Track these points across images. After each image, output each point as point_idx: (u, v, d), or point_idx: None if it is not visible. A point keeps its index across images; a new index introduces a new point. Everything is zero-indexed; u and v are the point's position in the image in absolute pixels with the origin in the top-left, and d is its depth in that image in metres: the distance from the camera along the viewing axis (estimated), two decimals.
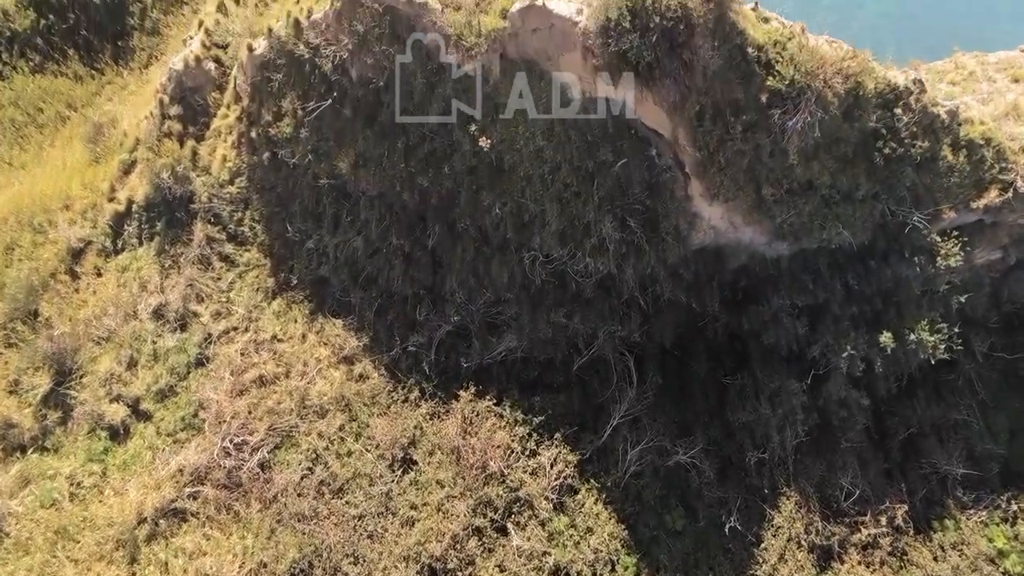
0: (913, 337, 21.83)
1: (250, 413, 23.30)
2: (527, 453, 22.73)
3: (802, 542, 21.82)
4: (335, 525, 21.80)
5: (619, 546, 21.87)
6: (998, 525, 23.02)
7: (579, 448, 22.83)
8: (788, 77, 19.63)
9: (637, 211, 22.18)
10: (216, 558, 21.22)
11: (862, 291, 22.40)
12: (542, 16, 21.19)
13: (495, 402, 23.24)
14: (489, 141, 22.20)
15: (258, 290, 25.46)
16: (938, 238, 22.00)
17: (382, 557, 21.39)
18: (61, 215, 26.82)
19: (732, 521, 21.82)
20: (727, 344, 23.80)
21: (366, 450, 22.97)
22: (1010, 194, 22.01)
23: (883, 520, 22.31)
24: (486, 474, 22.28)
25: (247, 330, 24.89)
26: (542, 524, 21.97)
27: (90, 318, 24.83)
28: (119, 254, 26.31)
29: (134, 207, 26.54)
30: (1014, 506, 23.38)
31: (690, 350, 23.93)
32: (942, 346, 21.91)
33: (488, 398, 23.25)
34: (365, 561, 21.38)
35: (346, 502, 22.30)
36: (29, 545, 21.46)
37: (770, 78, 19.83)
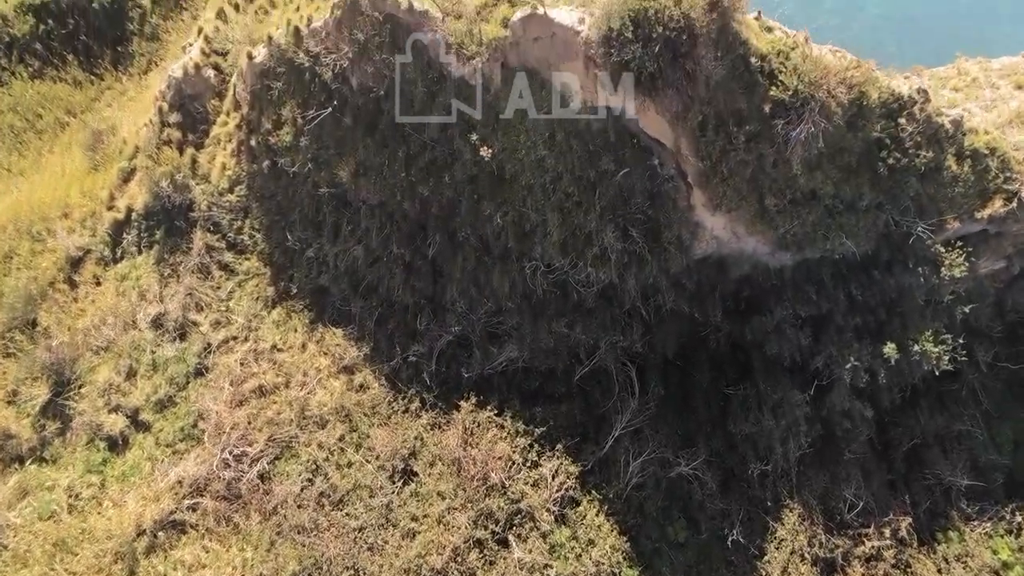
0: (917, 348, 21.67)
1: (250, 424, 23.16)
2: (528, 464, 22.58)
3: (805, 555, 21.65)
4: (335, 537, 21.65)
5: (621, 558, 21.71)
6: (1002, 537, 22.88)
7: (581, 459, 22.67)
8: (791, 87, 19.47)
9: (639, 221, 22.02)
10: (215, 571, 21.10)
11: (866, 301, 22.22)
12: (544, 25, 21.05)
13: (496, 413, 23.09)
14: (490, 151, 22.06)
15: (258, 299, 25.34)
16: (942, 248, 21.83)
17: (383, 570, 21.23)
18: (60, 223, 26.71)
19: (735, 534, 21.67)
20: (729, 354, 23.65)
21: (366, 461, 22.83)
22: (1014, 204, 21.83)
23: (887, 532, 22.16)
24: (487, 486, 22.13)
25: (247, 339, 24.76)
26: (543, 536, 21.81)
27: (89, 328, 24.71)
28: (118, 263, 26.18)
29: (133, 215, 26.41)
30: (1018, 517, 23.22)
31: (692, 360, 23.79)
32: (946, 357, 21.74)
33: (489, 408, 23.09)
34: (365, 574, 21.21)
35: (346, 514, 22.15)
36: (27, 558, 21.30)
37: (773, 88, 19.67)
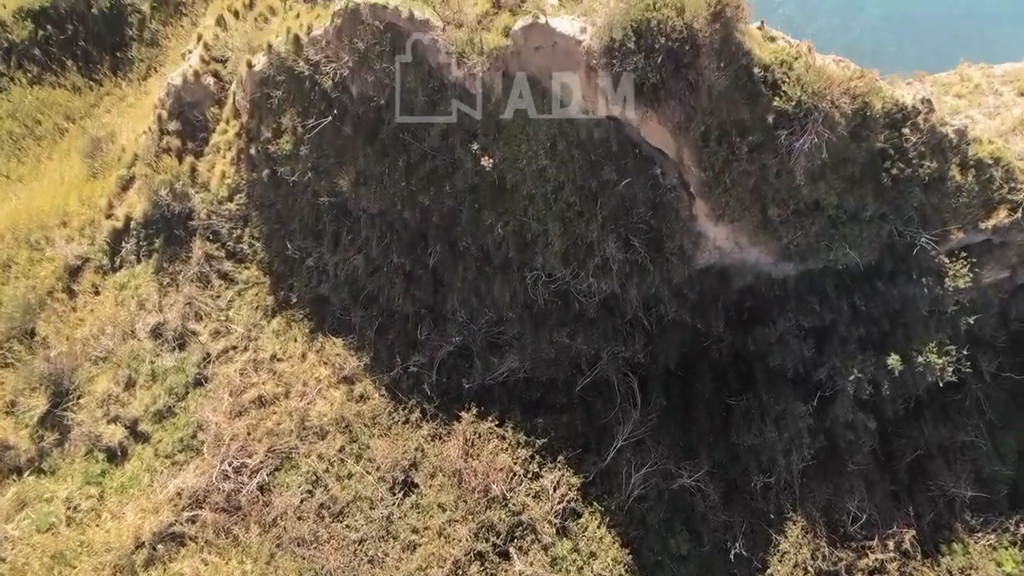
0: (921, 359, 21.52)
1: (249, 435, 23.02)
2: (530, 476, 22.44)
3: (808, 568, 21.48)
4: (335, 550, 21.52)
5: (623, 571, 21.54)
6: (1007, 549, 22.68)
7: (582, 471, 22.53)
8: (795, 98, 19.33)
9: (641, 231, 21.92)
10: None
11: (869, 312, 22.08)
12: (545, 34, 20.93)
13: (497, 423, 22.95)
14: (491, 160, 21.95)
15: (257, 308, 25.19)
16: (946, 259, 21.68)
17: None
18: (58, 232, 26.57)
19: (737, 546, 21.51)
20: (732, 365, 23.51)
21: (366, 472, 22.69)
22: (1019, 214, 21.66)
23: (890, 545, 21.97)
24: (488, 497, 21.99)
25: (246, 349, 24.62)
26: (545, 549, 21.66)
27: (87, 337, 24.58)
28: (117, 272, 26.04)
29: (132, 224, 26.26)
30: (1023, 529, 23.05)
31: (694, 371, 23.64)
32: (950, 369, 21.60)
33: (490, 419, 22.94)
34: None
35: (346, 526, 22.02)
36: (26, 571, 21.15)
37: (776, 99, 19.53)
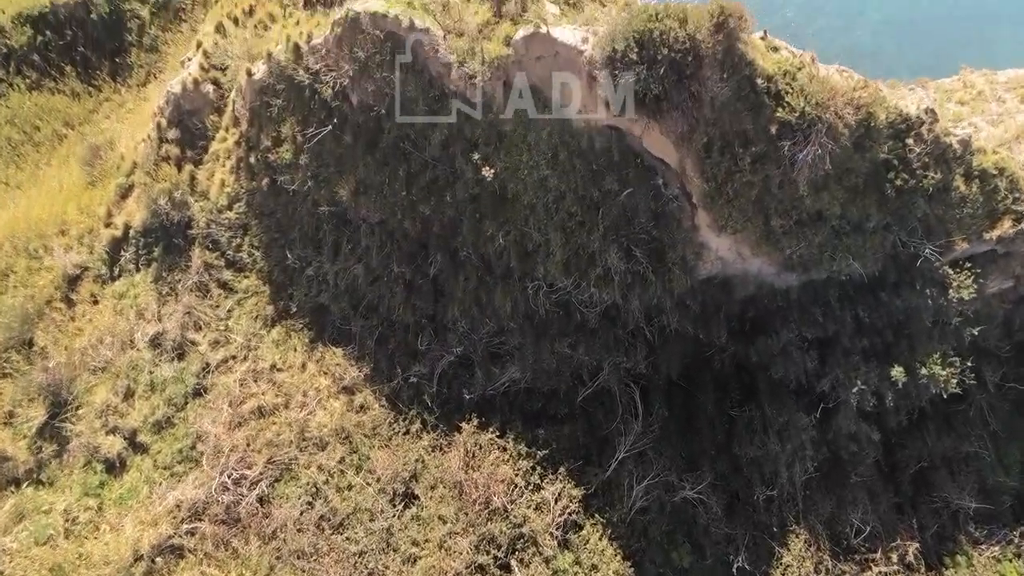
0: (924, 371, 21.42)
1: (248, 445, 22.86)
2: (531, 487, 22.28)
3: None
4: (335, 562, 21.37)
5: None
6: (1011, 561, 22.55)
7: (584, 482, 22.38)
8: (798, 109, 19.20)
9: (643, 241, 21.79)
10: None
11: (873, 323, 21.98)
12: (546, 44, 20.81)
13: (498, 434, 22.81)
14: (492, 170, 21.82)
15: (257, 318, 25.04)
16: (950, 270, 21.56)
17: None
18: (57, 240, 26.43)
19: (740, 559, 21.37)
20: (734, 375, 23.37)
21: (367, 484, 22.54)
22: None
23: (894, 557, 21.86)
24: (489, 510, 21.84)
25: (246, 359, 24.47)
26: (546, 561, 21.50)
27: (86, 347, 24.43)
28: (116, 281, 25.89)
29: (131, 233, 26.12)
30: None
31: (697, 381, 23.50)
32: (954, 380, 21.50)
33: (491, 430, 22.81)
34: None
35: (346, 538, 21.86)
36: None
37: (780, 109, 19.41)
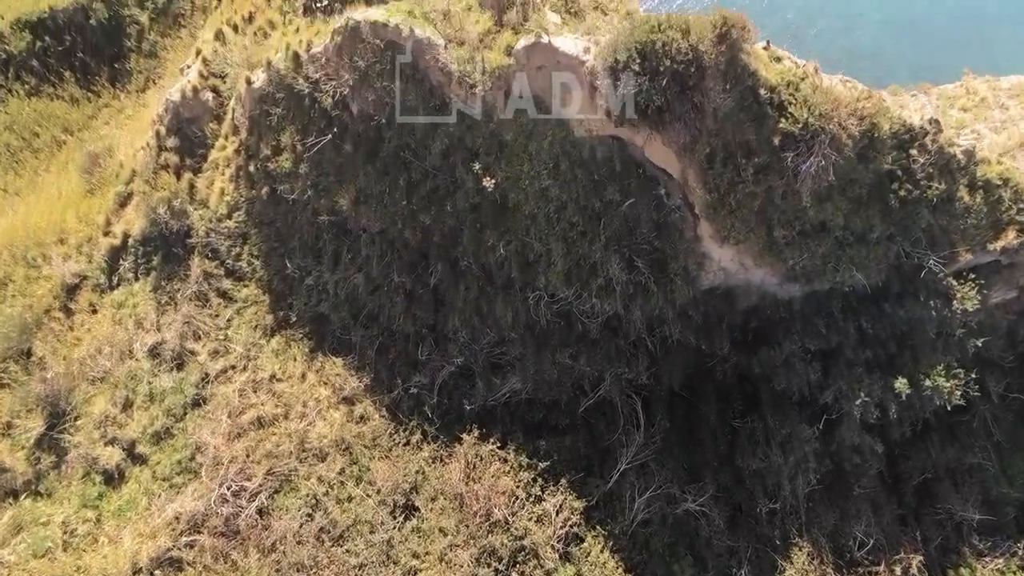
0: (928, 383, 21.32)
1: (248, 457, 22.71)
2: (532, 499, 22.15)
3: None
4: (335, 575, 21.23)
5: None
6: (1015, 573, 22.45)
7: (585, 494, 22.25)
8: (801, 120, 19.10)
9: (645, 251, 21.67)
10: None
11: (876, 335, 21.86)
12: (548, 53, 20.68)
13: (499, 445, 22.68)
14: (493, 180, 21.69)
15: (256, 327, 24.89)
16: (954, 281, 21.43)
17: None
18: (55, 249, 26.27)
19: (743, 573, 21.28)
20: (737, 386, 23.25)
21: (367, 495, 22.39)
22: None
23: (898, 570, 21.72)
24: (490, 522, 21.71)
25: (245, 369, 24.32)
26: (547, 574, 21.35)
27: (85, 357, 24.28)
28: (114, 290, 25.73)
29: (130, 241, 25.97)
30: None
31: (699, 392, 23.37)
32: (958, 392, 21.38)
33: (492, 441, 22.68)
34: None
35: (346, 550, 21.71)
36: None
37: (783, 120, 19.30)
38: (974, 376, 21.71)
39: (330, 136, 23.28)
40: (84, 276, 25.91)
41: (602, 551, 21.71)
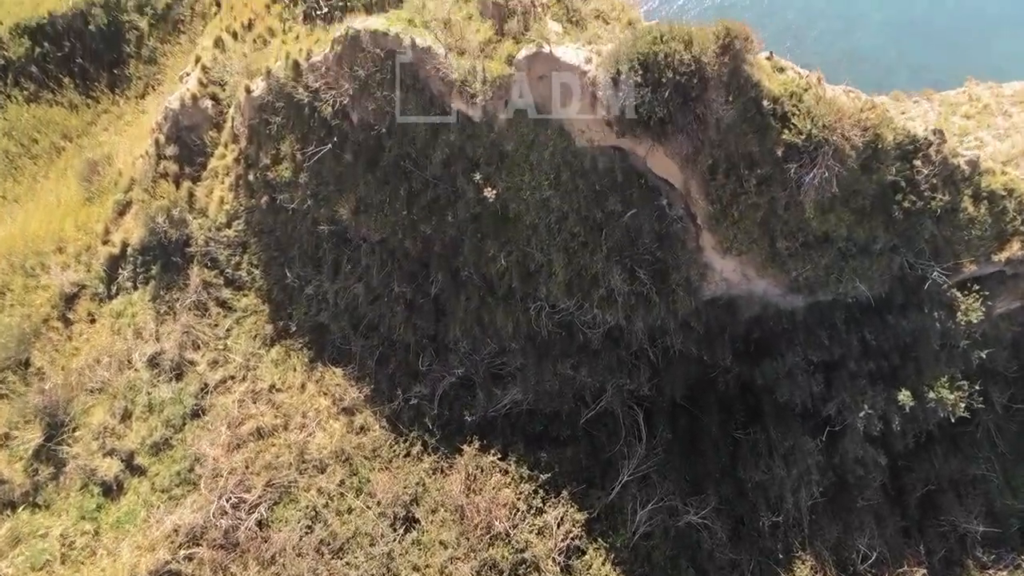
0: (932, 395, 21.18)
1: (247, 468, 22.57)
2: (533, 511, 22.01)
3: None
4: None
5: None
6: None
7: (587, 506, 22.10)
8: (805, 131, 18.95)
9: (647, 262, 21.54)
10: None
11: (879, 346, 21.71)
12: (549, 64, 20.52)
13: (500, 457, 22.54)
14: (494, 191, 21.57)
15: (256, 337, 24.74)
16: (958, 293, 21.29)
17: None
18: (54, 258, 26.12)
19: None
20: (739, 397, 23.11)
21: (367, 507, 22.25)
22: None
23: None
24: (491, 534, 21.57)
25: (244, 379, 24.17)
26: None
27: (83, 367, 24.13)
28: (113, 299, 25.59)
29: (129, 250, 25.81)
30: None
31: (701, 403, 23.23)
32: (962, 404, 21.24)
33: (492, 453, 22.54)
34: None
35: (346, 563, 21.56)
36: None
37: (786, 131, 19.16)
38: (978, 387, 21.56)
39: (330, 145, 23.13)
40: (83, 285, 25.76)
41: (603, 564, 21.55)
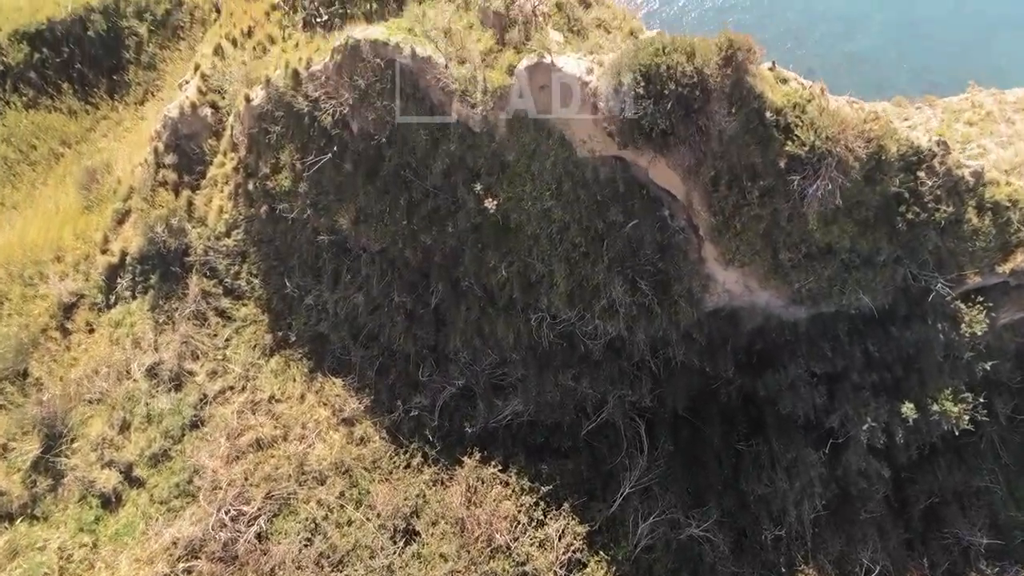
0: (936, 407, 21.00)
1: (246, 480, 22.47)
2: (534, 524, 21.89)
3: None
4: None
5: None
6: None
7: (588, 519, 21.98)
8: (808, 142, 18.77)
9: (648, 273, 21.41)
10: None
11: (882, 358, 21.55)
12: (550, 73, 20.37)
13: (501, 468, 22.43)
14: (495, 201, 21.42)
15: (255, 347, 24.64)
16: (962, 304, 21.11)
17: None
18: (52, 267, 26.02)
19: None
20: (741, 408, 22.98)
21: (367, 519, 22.13)
22: None
23: None
24: (492, 547, 21.46)
25: (244, 390, 24.07)
26: None
27: (81, 378, 24.04)
28: (112, 309, 25.48)
29: (127, 259, 25.72)
30: None
31: (703, 415, 23.10)
32: (966, 417, 21.07)
33: (493, 464, 22.44)
34: None
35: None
36: None
37: (789, 143, 18.98)
38: (982, 399, 21.38)
39: (330, 155, 23.02)
40: (81, 295, 25.66)
41: None
